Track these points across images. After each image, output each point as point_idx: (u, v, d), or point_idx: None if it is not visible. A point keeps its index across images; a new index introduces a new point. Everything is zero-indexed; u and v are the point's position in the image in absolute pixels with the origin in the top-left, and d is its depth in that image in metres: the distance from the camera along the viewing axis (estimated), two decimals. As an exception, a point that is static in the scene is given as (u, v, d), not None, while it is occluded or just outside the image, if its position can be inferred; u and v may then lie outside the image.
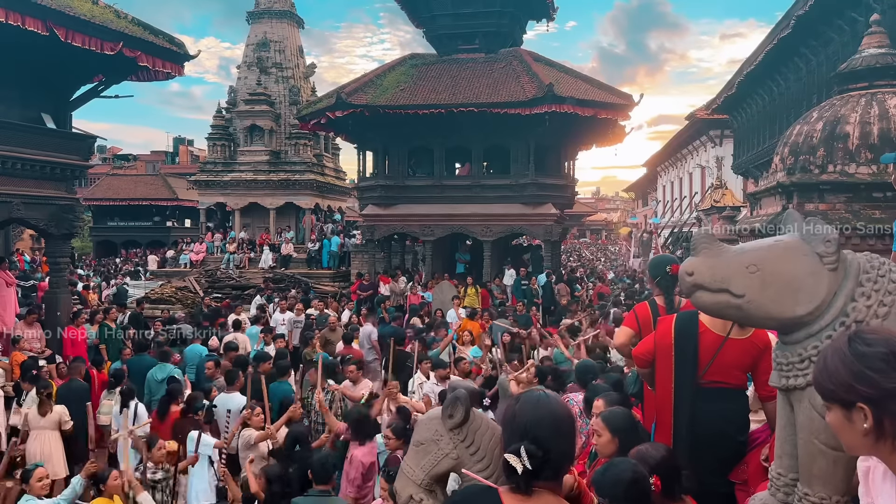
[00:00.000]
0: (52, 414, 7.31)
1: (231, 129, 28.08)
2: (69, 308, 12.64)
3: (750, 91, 19.31)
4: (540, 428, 2.01)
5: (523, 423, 2.03)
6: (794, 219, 2.41)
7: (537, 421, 2.03)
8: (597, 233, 73.11)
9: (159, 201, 44.38)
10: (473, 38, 21.01)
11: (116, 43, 11.00)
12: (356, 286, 18.77)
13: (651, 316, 4.30)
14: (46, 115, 12.06)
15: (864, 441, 1.45)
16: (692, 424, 3.45)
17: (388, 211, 20.71)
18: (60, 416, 7.36)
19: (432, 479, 2.64)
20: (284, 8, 28.87)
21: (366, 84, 19.81)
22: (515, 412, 2.09)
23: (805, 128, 7.87)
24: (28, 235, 31.05)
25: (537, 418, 2.04)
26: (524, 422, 2.03)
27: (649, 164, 45.42)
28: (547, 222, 19.75)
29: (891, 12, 10.97)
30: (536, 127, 18.36)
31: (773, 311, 2.23)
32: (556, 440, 2.02)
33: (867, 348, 1.45)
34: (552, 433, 2.02)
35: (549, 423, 2.04)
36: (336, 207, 30.81)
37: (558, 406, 2.16)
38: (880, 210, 6.89)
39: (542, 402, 2.15)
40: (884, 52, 7.85)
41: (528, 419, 2.04)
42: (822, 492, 2.21)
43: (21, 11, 9.63)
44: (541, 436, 1.98)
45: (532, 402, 2.14)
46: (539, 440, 1.97)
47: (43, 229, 12.19)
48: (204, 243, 26.37)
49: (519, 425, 2.03)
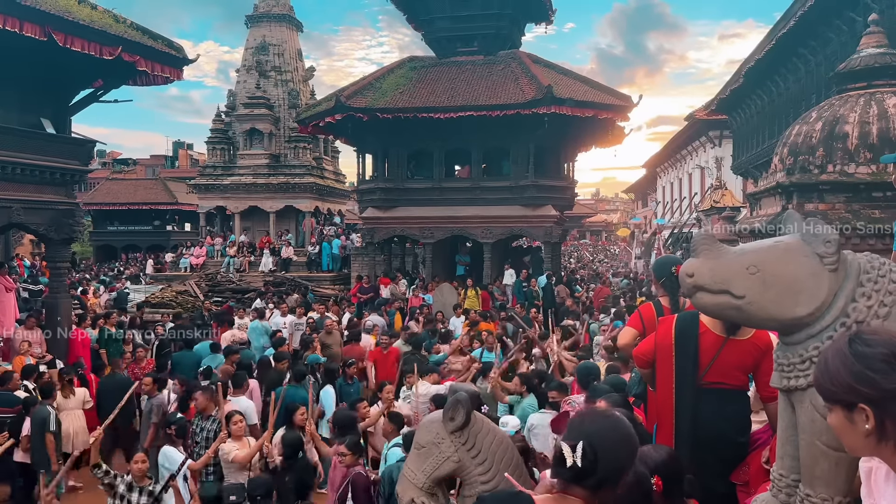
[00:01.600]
0: (76, 396, 8.35)
1: (230, 133, 28.09)
2: (70, 312, 12.64)
3: (749, 91, 19.32)
4: (601, 437, 1.93)
5: (585, 430, 1.95)
6: (794, 219, 2.40)
7: (601, 431, 1.95)
8: (597, 234, 73.07)
9: (159, 205, 44.32)
10: (472, 40, 21.05)
11: (115, 47, 11.01)
12: (356, 289, 18.77)
13: (656, 317, 4.30)
14: (46, 119, 12.06)
15: (865, 442, 1.45)
16: (693, 426, 3.44)
17: (388, 213, 20.71)
18: (82, 397, 8.48)
19: (434, 482, 2.64)
20: (283, 11, 28.87)
21: (365, 87, 19.84)
22: (585, 420, 2.02)
23: (804, 128, 7.87)
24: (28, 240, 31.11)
25: (602, 428, 1.96)
26: (587, 429, 1.96)
27: (649, 165, 45.41)
28: (547, 224, 19.76)
29: (889, 12, 10.98)
30: (536, 129, 18.37)
31: (774, 312, 2.23)
32: (616, 452, 1.94)
33: (868, 349, 1.45)
34: (612, 445, 1.94)
35: (616, 437, 1.96)
36: (336, 210, 30.80)
37: (626, 425, 2.07)
38: (880, 210, 6.88)
39: (611, 416, 2.10)
40: (882, 51, 7.84)
41: (594, 428, 1.96)
42: (824, 493, 2.20)
43: (19, 17, 9.62)
44: (600, 445, 1.91)
45: (601, 415, 2.10)
46: (595, 446, 1.89)
47: (43, 234, 12.19)
48: (204, 247, 26.37)
49: (581, 431, 1.95)
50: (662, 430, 3.61)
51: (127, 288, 22.77)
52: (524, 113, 17.79)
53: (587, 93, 18.71)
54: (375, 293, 17.97)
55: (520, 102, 17.87)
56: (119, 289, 22.41)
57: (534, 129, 18.41)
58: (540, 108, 17.54)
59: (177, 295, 19.94)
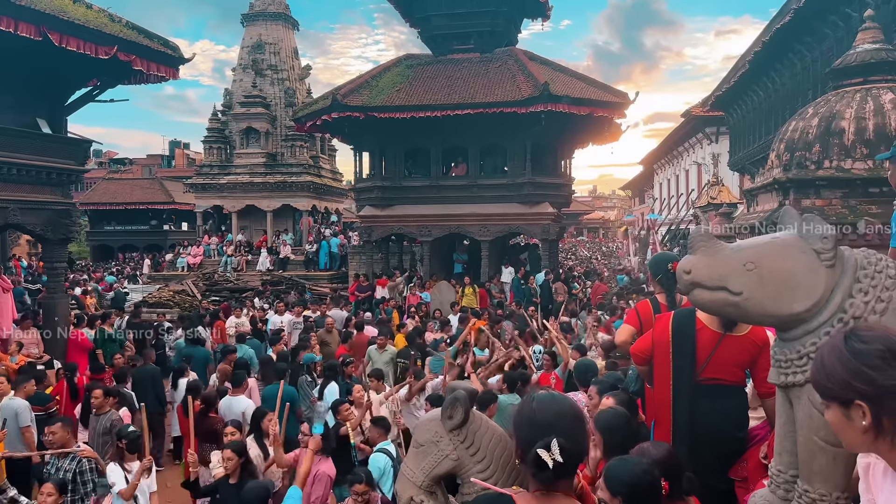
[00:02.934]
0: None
1: (227, 132, 28.05)
2: (67, 312, 12.62)
3: (745, 88, 19.31)
4: (562, 423, 1.99)
5: (546, 420, 2.00)
6: (790, 216, 2.41)
7: (559, 417, 2.01)
8: (594, 231, 73.10)
9: (156, 205, 44.23)
10: (468, 37, 21.02)
11: (111, 47, 10.97)
12: (354, 287, 18.77)
13: (653, 313, 4.30)
14: (42, 119, 12.02)
15: (863, 438, 1.45)
16: (691, 422, 3.45)
17: (386, 212, 20.70)
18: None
19: (433, 480, 2.64)
20: (279, 10, 28.84)
21: (361, 85, 19.80)
22: (535, 409, 2.05)
23: (801, 124, 7.87)
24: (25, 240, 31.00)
25: (558, 414, 2.02)
26: (547, 418, 2.00)
27: (646, 161, 45.38)
28: (544, 221, 19.76)
29: (884, 7, 10.98)
30: (532, 126, 18.37)
31: (771, 308, 2.23)
32: (577, 436, 2.02)
33: (864, 345, 1.44)
34: (574, 428, 2.01)
35: (570, 419, 2.03)
36: (333, 209, 30.79)
37: (573, 404, 2.15)
38: (877, 205, 6.88)
39: (559, 399, 2.15)
40: (878, 47, 7.84)
41: (551, 415, 2.02)
42: (822, 488, 2.21)
43: (14, 17, 9.59)
44: (566, 430, 1.97)
45: (549, 399, 2.13)
46: (564, 435, 1.95)
47: (39, 234, 12.16)
48: (201, 246, 26.35)
49: (542, 422, 2.00)
50: (660, 426, 3.61)
51: (124, 288, 22.75)
52: (521, 110, 17.77)
53: (584, 90, 18.70)
54: (373, 292, 17.97)
55: (516, 100, 17.86)
56: (116, 289, 22.38)
57: (530, 126, 18.40)
58: (537, 106, 17.53)
59: (174, 294, 19.92)
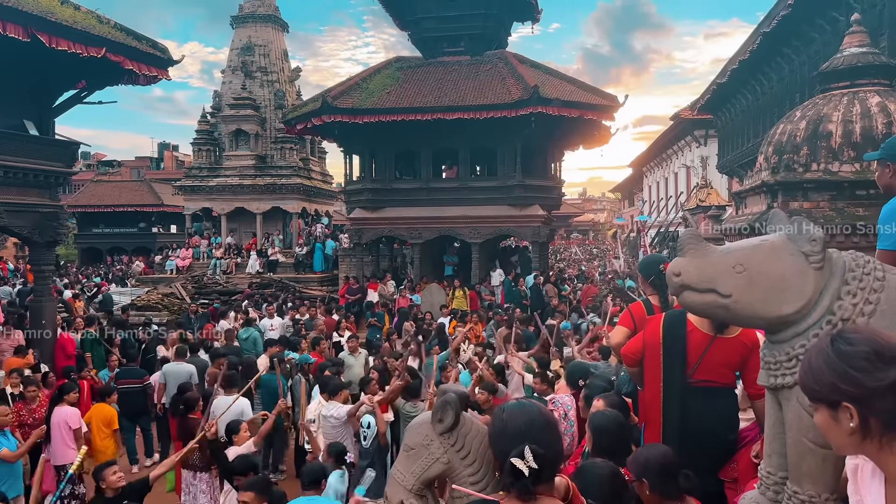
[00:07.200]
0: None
1: (216, 134, 27.92)
2: (54, 315, 12.53)
3: (733, 91, 19.44)
4: (534, 430, 2.05)
5: (517, 428, 2.06)
6: (779, 218, 2.42)
7: (530, 424, 2.07)
8: (584, 233, 73.30)
9: (144, 207, 43.95)
10: (459, 40, 21.04)
11: (100, 48, 10.91)
12: (344, 290, 18.72)
13: (647, 315, 4.31)
14: (29, 121, 11.94)
15: (850, 440, 1.45)
16: (681, 423, 3.46)
17: (376, 214, 20.67)
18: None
19: (423, 484, 2.63)
20: (268, 12, 28.73)
21: (351, 88, 19.77)
22: (505, 419, 2.13)
23: (788, 127, 7.92)
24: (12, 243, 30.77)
25: (529, 421, 2.09)
26: (518, 426, 2.07)
27: (635, 164, 45.62)
28: (534, 223, 19.79)
29: (871, 11, 11.09)
30: (522, 129, 18.40)
31: (761, 310, 2.24)
32: (549, 441, 2.06)
33: (850, 347, 1.45)
34: (545, 434, 2.06)
35: (541, 425, 2.09)
36: (323, 211, 30.68)
37: (543, 409, 2.22)
38: (864, 208, 6.93)
39: (528, 407, 2.21)
40: (865, 51, 7.90)
41: (521, 423, 2.08)
42: (811, 490, 2.22)
43: (1, 18, 9.52)
44: (537, 437, 2.02)
45: (519, 408, 2.20)
46: (536, 442, 2.00)
47: (27, 237, 12.08)
48: (190, 249, 26.20)
49: (513, 431, 2.07)
50: (651, 428, 3.62)
51: (111, 291, 22.59)
52: (511, 113, 17.80)
53: (573, 93, 18.75)
54: (363, 294, 17.94)
55: (507, 103, 17.89)
56: (104, 292, 22.23)
57: (521, 129, 18.44)
58: (527, 109, 17.56)
59: (163, 297, 19.81)
